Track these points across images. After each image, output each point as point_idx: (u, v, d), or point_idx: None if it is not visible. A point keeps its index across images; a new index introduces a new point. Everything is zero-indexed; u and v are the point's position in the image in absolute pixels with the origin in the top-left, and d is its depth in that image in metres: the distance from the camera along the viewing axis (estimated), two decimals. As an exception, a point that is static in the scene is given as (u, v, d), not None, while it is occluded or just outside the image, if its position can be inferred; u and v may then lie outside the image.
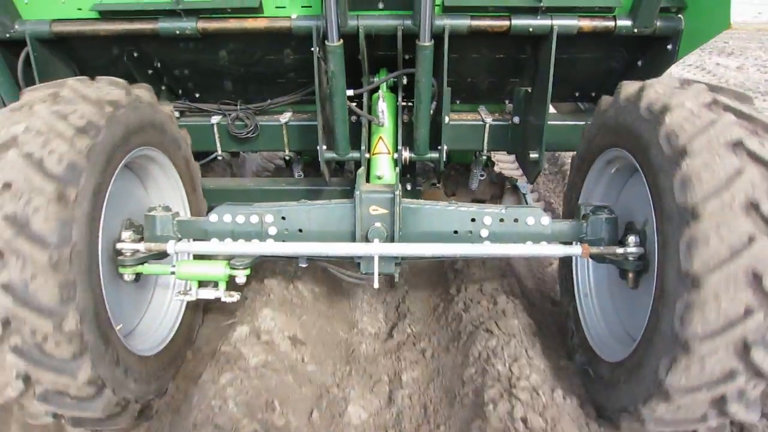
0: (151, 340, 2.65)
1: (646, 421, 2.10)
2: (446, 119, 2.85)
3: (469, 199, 3.62)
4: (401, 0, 2.57)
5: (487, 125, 3.10)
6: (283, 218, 2.55)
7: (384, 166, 2.77)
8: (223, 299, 2.52)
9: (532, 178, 3.10)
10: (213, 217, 2.57)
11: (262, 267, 3.26)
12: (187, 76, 3.17)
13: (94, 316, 2.06)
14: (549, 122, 2.82)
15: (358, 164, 2.94)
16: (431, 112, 2.77)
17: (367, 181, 2.81)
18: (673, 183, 1.87)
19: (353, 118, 2.92)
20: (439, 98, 2.77)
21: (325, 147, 2.90)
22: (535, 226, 2.53)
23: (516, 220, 2.53)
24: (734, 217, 1.75)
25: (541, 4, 2.58)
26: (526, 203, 3.52)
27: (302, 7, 2.64)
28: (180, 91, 3.27)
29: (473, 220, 2.54)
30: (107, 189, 2.17)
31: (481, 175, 3.54)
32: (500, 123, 3.13)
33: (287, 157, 3.40)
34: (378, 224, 2.49)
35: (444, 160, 2.92)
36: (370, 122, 2.89)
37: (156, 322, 2.76)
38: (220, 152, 3.26)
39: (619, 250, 2.36)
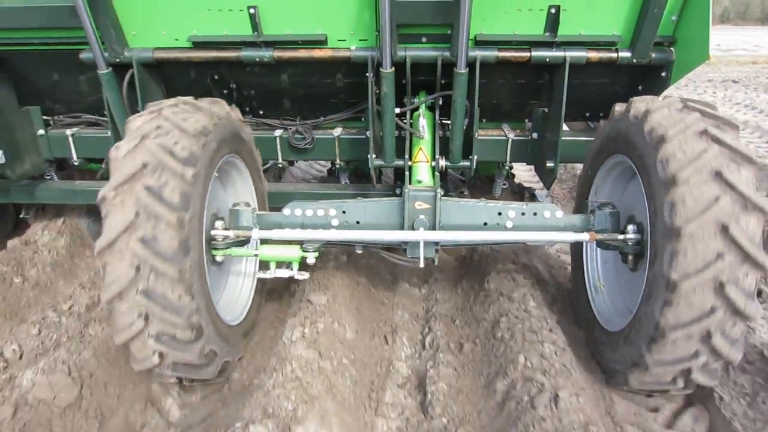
0: (229, 316, 3.13)
1: (649, 367, 2.51)
2: (476, 134, 3.46)
3: None
4: (441, 35, 3.21)
5: (510, 140, 3.68)
6: (344, 212, 3.11)
7: (423, 172, 3.34)
8: (296, 277, 3.04)
9: (548, 184, 3.65)
10: (286, 210, 3.13)
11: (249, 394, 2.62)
12: (253, 96, 3.80)
13: (200, 273, 2.58)
14: (563, 138, 3.39)
15: (397, 172, 3.49)
16: (464, 127, 3.37)
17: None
18: (656, 162, 2.41)
19: (397, 132, 3.52)
20: (470, 116, 3.37)
21: (374, 156, 3.50)
22: (550, 219, 3.04)
23: (535, 214, 3.05)
24: (704, 181, 2.27)
25: (556, 39, 3.17)
26: None
27: (360, 40, 3.28)
28: (247, 109, 3.88)
29: (500, 213, 3.07)
30: (211, 178, 2.76)
31: (504, 185, 4.09)
32: (521, 138, 3.70)
33: (338, 165, 3.99)
34: (422, 216, 3.04)
35: (474, 168, 3.49)
36: (411, 135, 3.49)
37: (232, 301, 3.26)
38: (281, 160, 3.89)
39: (620, 237, 2.86)
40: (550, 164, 3.49)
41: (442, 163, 3.45)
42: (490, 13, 3.10)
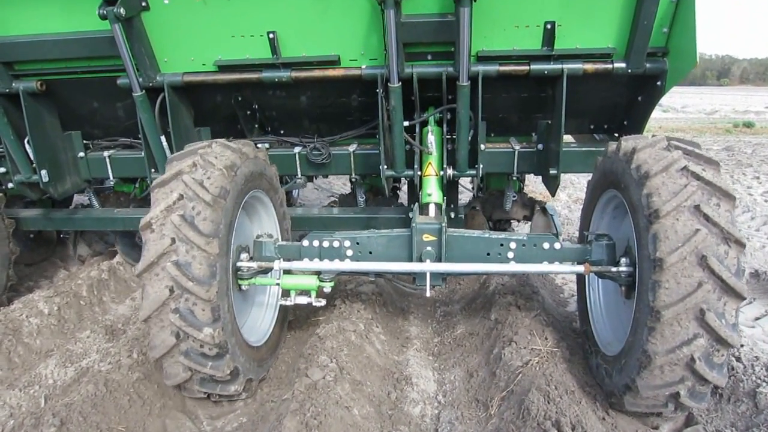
0: (253, 338, 3.37)
1: (640, 390, 2.65)
2: (482, 147, 3.70)
3: (505, 219, 4.31)
4: (445, 52, 3.46)
5: (516, 152, 3.89)
6: (357, 243, 3.35)
7: (432, 186, 3.61)
8: (313, 304, 3.29)
9: (552, 191, 3.86)
10: (305, 242, 3.39)
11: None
12: (275, 116, 4.13)
13: (226, 294, 2.85)
14: (564, 148, 3.59)
15: (410, 183, 3.62)
16: (469, 139, 3.59)
17: (419, 197, 3.61)
18: (641, 197, 2.58)
19: (408, 145, 3.75)
20: (475, 129, 3.62)
21: (386, 167, 3.76)
22: (549, 250, 3.22)
23: (535, 245, 3.23)
24: (684, 215, 2.45)
25: (553, 53, 3.38)
26: (554, 223, 4.14)
27: (370, 59, 3.55)
28: (269, 128, 4.21)
29: (502, 245, 3.26)
30: (238, 211, 3.05)
31: (514, 197, 4.26)
32: (527, 150, 3.90)
33: (354, 179, 4.26)
34: (429, 248, 3.26)
35: (481, 176, 3.71)
36: (421, 150, 3.73)
37: (255, 325, 3.52)
38: (300, 176, 4.16)
39: (614, 269, 3.00)
40: (553, 171, 3.70)
41: (450, 172, 3.67)
42: (490, 31, 3.34)
